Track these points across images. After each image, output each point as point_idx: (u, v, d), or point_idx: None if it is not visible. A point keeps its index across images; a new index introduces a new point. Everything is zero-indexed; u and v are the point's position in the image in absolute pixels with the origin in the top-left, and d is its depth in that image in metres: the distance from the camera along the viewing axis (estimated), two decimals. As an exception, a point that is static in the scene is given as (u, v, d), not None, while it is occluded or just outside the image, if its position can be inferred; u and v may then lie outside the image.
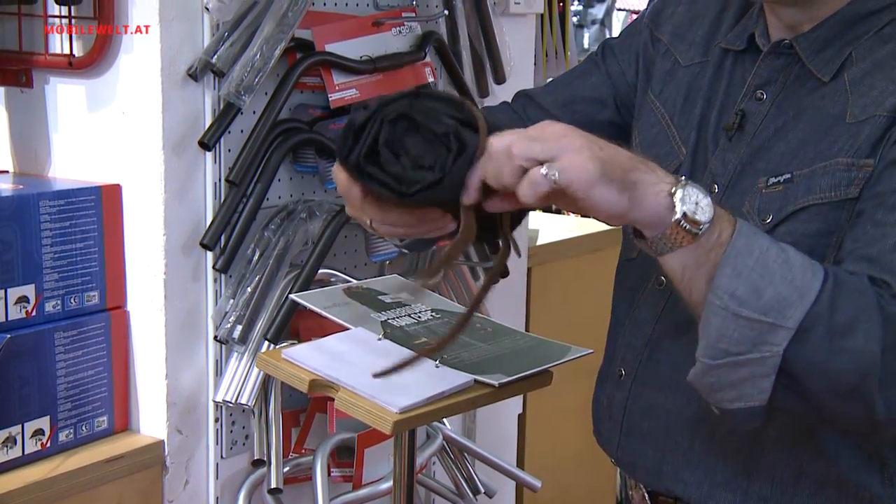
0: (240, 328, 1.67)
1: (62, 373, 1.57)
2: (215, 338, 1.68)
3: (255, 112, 1.70)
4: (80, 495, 1.56)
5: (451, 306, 1.44)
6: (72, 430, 1.60)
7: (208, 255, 1.68)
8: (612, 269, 1.43)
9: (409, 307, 1.39)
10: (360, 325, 1.31)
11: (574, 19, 3.98)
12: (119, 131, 1.63)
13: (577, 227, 3.01)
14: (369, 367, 1.21)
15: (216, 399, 1.70)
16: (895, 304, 1.05)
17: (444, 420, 1.91)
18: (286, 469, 1.75)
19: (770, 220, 1.19)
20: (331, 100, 1.78)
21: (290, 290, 1.69)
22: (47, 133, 1.71)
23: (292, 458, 1.80)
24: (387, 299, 1.40)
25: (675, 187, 1.04)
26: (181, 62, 1.60)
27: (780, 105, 1.24)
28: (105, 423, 1.65)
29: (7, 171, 1.75)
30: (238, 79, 1.60)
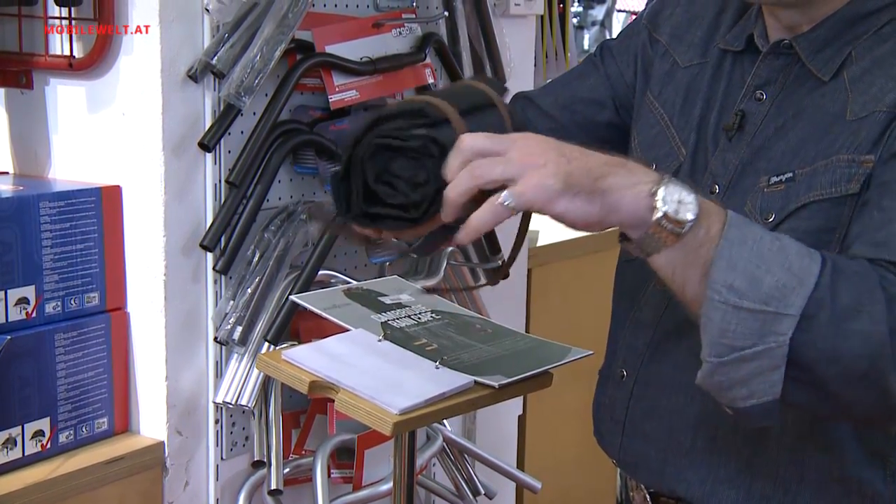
0: (240, 329, 1.66)
1: (62, 374, 1.57)
2: (215, 339, 1.68)
3: (255, 113, 1.70)
4: (80, 497, 1.55)
5: (451, 308, 1.44)
6: (72, 432, 1.60)
7: (208, 256, 1.68)
8: (612, 271, 1.43)
9: (409, 308, 1.39)
10: (360, 327, 1.31)
11: (574, 20, 3.97)
12: (119, 132, 1.63)
13: (577, 228, 3.01)
14: (369, 368, 1.21)
15: (216, 400, 1.70)
16: None
17: (444, 421, 1.91)
18: (286, 470, 1.75)
19: (773, 218, 1.19)
20: (331, 101, 1.78)
21: (290, 291, 1.69)
22: (47, 134, 1.71)
23: (292, 459, 1.80)
24: (387, 300, 1.40)
25: (656, 186, 1.04)
26: (181, 63, 1.60)
27: (780, 105, 1.25)
28: (105, 424, 1.65)
29: (7, 173, 1.75)
30: (238, 80, 1.60)
